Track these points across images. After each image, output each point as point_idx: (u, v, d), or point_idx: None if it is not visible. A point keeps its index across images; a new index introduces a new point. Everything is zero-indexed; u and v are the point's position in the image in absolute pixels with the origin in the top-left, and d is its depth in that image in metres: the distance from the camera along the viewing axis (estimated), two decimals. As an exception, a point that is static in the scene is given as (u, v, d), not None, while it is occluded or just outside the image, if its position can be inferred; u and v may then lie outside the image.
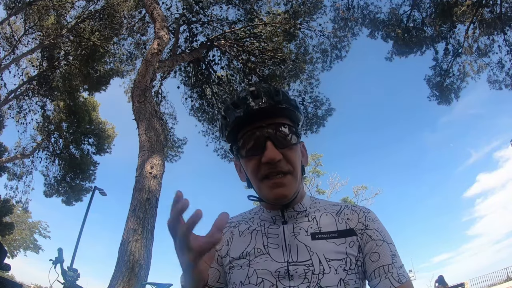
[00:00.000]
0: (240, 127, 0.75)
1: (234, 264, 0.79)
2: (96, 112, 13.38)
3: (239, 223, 0.86)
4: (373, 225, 0.78)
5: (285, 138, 0.74)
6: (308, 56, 9.94)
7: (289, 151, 0.74)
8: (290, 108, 0.76)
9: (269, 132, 0.73)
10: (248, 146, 0.74)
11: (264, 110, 0.72)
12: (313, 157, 22.32)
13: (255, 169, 0.74)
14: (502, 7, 9.05)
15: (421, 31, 9.96)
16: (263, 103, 0.72)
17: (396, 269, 0.72)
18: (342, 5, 9.80)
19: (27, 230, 26.27)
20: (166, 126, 9.97)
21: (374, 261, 0.73)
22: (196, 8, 9.57)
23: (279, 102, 0.74)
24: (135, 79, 6.25)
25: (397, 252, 0.76)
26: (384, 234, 0.78)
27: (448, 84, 10.29)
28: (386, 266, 0.72)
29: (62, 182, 12.89)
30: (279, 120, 0.75)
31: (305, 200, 0.82)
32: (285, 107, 0.74)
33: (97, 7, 10.37)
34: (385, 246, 0.75)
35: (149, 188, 4.45)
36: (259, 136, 0.73)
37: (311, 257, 0.73)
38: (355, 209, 0.81)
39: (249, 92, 0.75)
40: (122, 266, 3.84)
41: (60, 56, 11.24)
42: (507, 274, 18.44)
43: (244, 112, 0.73)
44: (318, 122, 10.08)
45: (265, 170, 0.72)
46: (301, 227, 0.77)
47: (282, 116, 0.75)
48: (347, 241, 0.75)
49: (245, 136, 0.74)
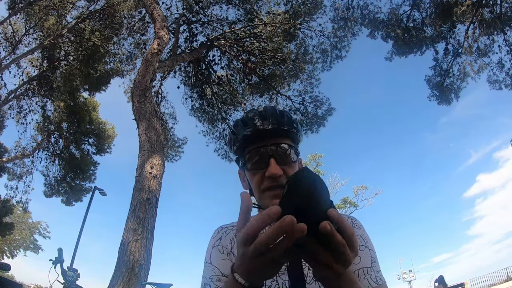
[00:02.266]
0: (248, 143, 0.86)
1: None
2: (96, 112, 13.38)
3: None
4: (359, 231, 0.87)
5: (286, 156, 0.84)
6: (308, 56, 9.95)
7: (288, 168, 0.84)
8: (292, 130, 0.87)
9: (273, 150, 0.83)
10: (254, 161, 0.85)
11: (269, 131, 0.84)
12: (314, 157, 22.32)
13: (259, 182, 0.84)
14: (502, 7, 9.05)
15: (421, 31, 9.96)
16: (268, 125, 0.84)
17: (374, 272, 0.79)
18: (342, 5, 9.81)
19: (27, 230, 26.26)
20: (166, 126, 9.98)
21: (355, 263, 0.78)
22: (196, 8, 9.58)
23: (283, 124, 0.85)
24: (135, 79, 6.26)
25: (376, 258, 0.84)
26: (367, 241, 0.86)
27: (448, 84, 10.29)
28: (366, 269, 0.78)
29: (62, 182, 12.89)
30: (282, 141, 0.85)
31: None
32: (287, 129, 0.85)
33: (97, 7, 10.38)
34: (366, 251, 0.82)
35: (149, 188, 4.45)
36: (264, 153, 0.84)
37: None
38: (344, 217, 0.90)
39: (257, 113, 0.87)
40: (122, 266, 3.84)
41: (60, 56, 11.24)
42: (507, 274, 18.44)
43: (252, 132, 0.84)
44: (318, 122, 10.08)
45: (267, 183, 0.82)
46: None
47: (284, 136, 0.86)
48: None
49: (252, 152, 0.85)
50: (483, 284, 18.79)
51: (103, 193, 11.63)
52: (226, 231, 0.93)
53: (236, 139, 0.88)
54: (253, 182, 0.86)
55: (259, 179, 0.84)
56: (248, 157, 0.86)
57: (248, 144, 0.86)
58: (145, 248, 4.07)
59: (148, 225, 4.24)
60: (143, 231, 4.13)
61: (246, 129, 0.86)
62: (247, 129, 0.85)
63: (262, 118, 0.85)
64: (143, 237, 4.10)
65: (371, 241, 0.88)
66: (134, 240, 4.02)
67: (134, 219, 4.20)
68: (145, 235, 4.13)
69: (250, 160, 0.86)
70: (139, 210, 4.26)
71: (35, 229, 27.00)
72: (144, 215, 4.25)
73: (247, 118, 0.88)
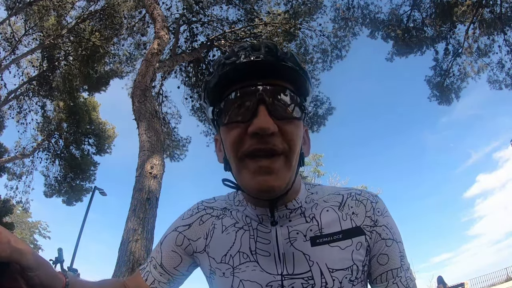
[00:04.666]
0: (227, 84, 0.57)
1: (214, 268, 0.67)
2: (96, 112, 13.38)
3: (224, 214, 0.70)
4: (383, 220, 0.66)
5: (285, 105, 0.56)
6: (308, 56, 9.95)
7: (288, 125, 0.56)
8: (297, 70, 0.57)
9: (264, 93, 0.54)
10: (232, 109, 0.56)
11: (260, 64, 0.54)
12: (314, 157, 22.31)
13: (237, 141, 0.55)
14: (502, 7, 9.05)
15: (421, 31, 9.95)
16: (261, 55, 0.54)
17: (404, 273, 0.65)
18: (342, 5, 9.81)
19: (27, 230, 26.26)
20: (169, 126, 9.98)
21: (382, 264, 0.65)
22: (196, 8, 9.57)
23: (283, 59, 0.56)
24: (135, 79, 6.25)
25: (405, 251, 0.68)
26: (394, 231, 0.67)
27: (448, 84, 10.29)
28: (395, 270, 0.64)
29: (63, 182, 12.89)
30: (280, 82, 0.56)
31: (301, 194, 0.65)
32: (290, 66, 0.56)
33: (97, 7, 10.38)
34: (395, 247, 0.65)
35: (149, 188, 4.45)
36: (249, 97, 0.54)
37: (310, 268, 0.60)
38: (361, 199, 0.67)
39: (247, 45, 0.57)
40: (122, 266, 3.84)
41: (60, 56, 11.24)
42: (507, 274, 18.43)
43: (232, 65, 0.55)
44: (318, 121, 10.09)
45: (250, 144, 0.53)
46: (298, 231, 0.63)
47: (284, 78, 0.57)
48: (354, 242, 0.63)
49: (232, 96, 0.56)
50: (483, 284, 18.78)
51: (103, 193, 11.64)
52: (202, 218, 0.72)
53: (212, 78, 0.58)
54: (227, 143, 0.57)
55: (236, 136, 0.55)
56: (225, 103, 0.57)
57: (227, 85, 0.57)
58: (145, 248, 4.06)
59: (148, 225, 4.24)
60: (143, 231, 4.12)
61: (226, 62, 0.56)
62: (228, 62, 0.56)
63: (253, 49, 0.56)
64: (143, 237, 4.09)
65: (398, 229, 0.68)
66: (134, 240, 4.01)
67: (134, 219, 4.19)
68: (145, 235, 4.12)
69: (228, 108, 0.56)
70: (139, 210, 4.26)
71: (35, 229, 27.01)
72: (144, 215, 4.24)
73: (231, 50, 0.58)
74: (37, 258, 0.48)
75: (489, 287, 18.30)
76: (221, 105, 0.57)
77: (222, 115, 0.58)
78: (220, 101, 0.58)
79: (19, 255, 0.45)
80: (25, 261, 0.46)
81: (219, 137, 0.63)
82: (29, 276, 0.47)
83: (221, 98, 0.58)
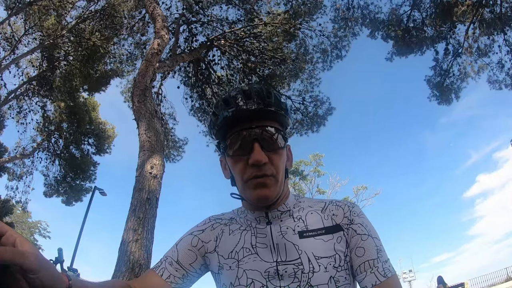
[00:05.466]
0: (229, 126, 0.76)
1: (223, 264, 0.79)
2: (96, 112, 13.38)
3: (231, 222, 0.86)
4: (358, 220, 0.79)
5: (273, 141, 0.75)
6: (308, 56, 9.95)
7: (274, 155, 0.75)
8: (279, 112, 0.76)
9: (257, 133, 0.73)
10: (236, 147, 0.75)
11: (253, 112, 0.73)
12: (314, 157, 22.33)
13: (242, 170, 0.75)
14: (502, 7, 9.05)
15: (421, 31, 9.95)
16: (252, 105, 0.73)
17: (382, 263, 0.72)
18: (342, 5, 9.80)
19: (27, 230, 26.26)
20: (166, 126, 9.98)
21: (360, 255, 0.74)
22: (196, 8, 9.57)
23: (269, 105, 0.74)
24: (135, 78, 6.25)
25: (382, 246, 0.76)
26: (369, 229, 0.78)
27: (448, 84, 10.28)
28: (372, 261, 0.72)
29: (62, 182, 12.89)
30: (268, 123, 0.75)
31: (289, 200, 0.82)
32: (274, 110, 0.75)
33: (97, 7, 10.38)
34: (370, 241, 0.75)
35: (149, 188, 4.44)
36: (247, 137, 0.74)
37: (300, 256, 0.73)
38: (340, 204, 0.82)
39: (241, 91, 0.76)
40: (122, 266, 3.84)
41: (60, 56, 11.24)
42: (507, 274, 18.43)
43: (233, 113, 0.73)
44: (318, 121, 10.08)
45: (251, 172, 0.73)
46: (288, 226, 0.78)
47: (271, 119, 0.76)
48: (335, 237, 0.76)
49: (234, 136, 0.75)
50: (483, 284, 18.79)
51: (103, 193, 11.64)
52: (213, 225, 0.87)
53: (216, 121, 0.77)
54: (235, 171, 0.77)
55: (241, 167, 0.75)
56: (230, 141, 0.76)
57: (229, 127, 0.76)
58: (145, 248, 4.06)
59: (148, 225, 4.24)
60: (143, 231, 4.12)
61: (227, 109, 0.74)
62: (229, 110, 0.74)
63: (246, 97, 0.74)
64: (143, 237, 4.09)
65: (373, 228, 0.80)
66: (134, 240, 4.01)
67: (134, 219, 4.19)
68: (145, 235, 4.12)
69: (232, 145, 0.76)
70: (139, 210, 4.26)
71: (35, 229, 27.02)
72: (144, 215, 4.24)
73: (229, 97, 0.76)
74: (40, 260, 0.48)
75: (489, 287, 18.31)
76: (227, 142, 0.76)
77: (228, 149, 0.77)
78: (225, 138, 0.77)
79: (21, 258, 0.45)
80: (27, 264, 0.46)
81: (223, 159, 0.84)
82: (31, 278, 0.47)
83: (225, 136, 0.77)
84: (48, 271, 0.50)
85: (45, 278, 0.49)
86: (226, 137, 0.77)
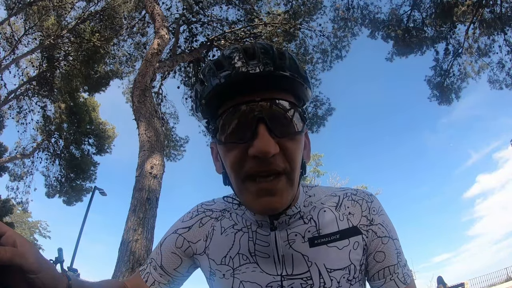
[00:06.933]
0: (222, 98, 0.53)
1: (215, 270, 0.67)
2: (96, 112, 13.39)
3: (223, 215, 0.71)
4: (378, 219, 0.66)
5: (286, 121, 0.52)
6: (308, 56, 9.95)
7: (289, 142, 0.52)
8: (297, 79, 0.52)
9: (263, 109, 0.50)
10: (230, 129, 0.52)
11: (258, 77, 0.50)
12: (314, 157, 22.31)
13: (237, 163, 0.52)
14: (502, 7, 9.05)
15: (421, 31, 9.95)
16: (256, 66, 0.50)
17: (401, 269, 0.66)
18: (342, 5, 9.81)
19: (27, 230, 26.26)
20: (167, 126, 9.98)
21: (379, 261, 0.65)
22: (196, 8, 9.57)
23: (282, 67, 0.51)
24: (135, 78, 6.25)
25: (401, 248, 0.68)
26: (390, 229, 0.68)
27: (448, 84, 10.28)
28: (392, 267, 0.65)
29: (63, 183, 12.90)
30: (279, 95, 0.52)
31: (299, 200, 0.65)
32: (289, 76, 0.51)
33: (97, 8, 10.39)
34: (391, 244, 0.66)
35: (149, 188, 4.44)
36: (247, 115, 0.51)
37: (309, 268, 0.61)
38: (356, 199, 0.68)
39: (240, 49, 0.53)
40: (122, 266, 3.84)
41: (60, 56, 11.25)
42: (507, 274, 18.42)
43: (228, 78, 0.50)
44: (318, 122, 10.08)
45: (251, 167, 0.51)
46: (296, 233, 0.63)
47: (284, 89, 0.53)
48: (351, 242, 0.63)
49: (228, 112, 0.52)
50: (483, 284, 18.77)
51: (103, 193, 11.63)
52: (202, 220, 0.72)
53: (204, 91, 0.54)
54: (227, 164, 0.54)
55: (237, 159, 0.52)
56: (222, 121, 0.53)
57: (222, 100, 0.53)
58: (145, 248, 4.06)
59: (148, 225, 4.24)
60: (143, 231, 4.12)
61: (219, 74, 0.51)
62: (221, 74, 0.51)
63: (248, 57, 0.51)
64: (143, 237, 4.09)
65: (393, 227, 0.69)
66: (134, 240, 4.01)
67: (134, 219, 4.19)
68: (145, 235, 4.12)
69: (225, 126, 0.53)
70: (139, 210, 4.26)
71: (35, 229, 27.02)
72: (144, 215, 4.24)
73: (223, 57, 0.54)
74: (40, 261, 0.48)
75: (489, 287, 18.29)
76: (218, 122, 0.53)
77: (218, 132, 0.54)
78: (216, 117, 0.54)
79: (21, 259, 0.45)
80: (27, 265, 0.45)
81: (215, 146, 0.61)
82: (31, 278, 0.47)
83: (216, 114, 0.54)
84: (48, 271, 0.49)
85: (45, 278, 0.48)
86: (218, 114, 0.54)
